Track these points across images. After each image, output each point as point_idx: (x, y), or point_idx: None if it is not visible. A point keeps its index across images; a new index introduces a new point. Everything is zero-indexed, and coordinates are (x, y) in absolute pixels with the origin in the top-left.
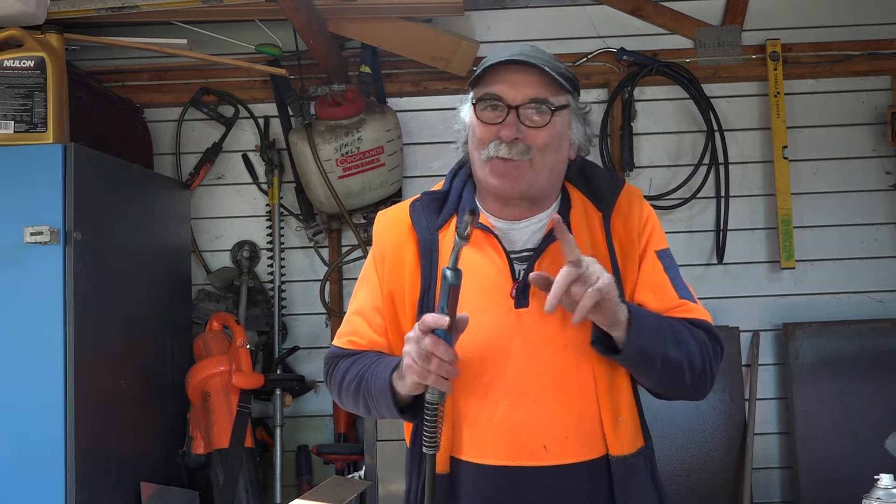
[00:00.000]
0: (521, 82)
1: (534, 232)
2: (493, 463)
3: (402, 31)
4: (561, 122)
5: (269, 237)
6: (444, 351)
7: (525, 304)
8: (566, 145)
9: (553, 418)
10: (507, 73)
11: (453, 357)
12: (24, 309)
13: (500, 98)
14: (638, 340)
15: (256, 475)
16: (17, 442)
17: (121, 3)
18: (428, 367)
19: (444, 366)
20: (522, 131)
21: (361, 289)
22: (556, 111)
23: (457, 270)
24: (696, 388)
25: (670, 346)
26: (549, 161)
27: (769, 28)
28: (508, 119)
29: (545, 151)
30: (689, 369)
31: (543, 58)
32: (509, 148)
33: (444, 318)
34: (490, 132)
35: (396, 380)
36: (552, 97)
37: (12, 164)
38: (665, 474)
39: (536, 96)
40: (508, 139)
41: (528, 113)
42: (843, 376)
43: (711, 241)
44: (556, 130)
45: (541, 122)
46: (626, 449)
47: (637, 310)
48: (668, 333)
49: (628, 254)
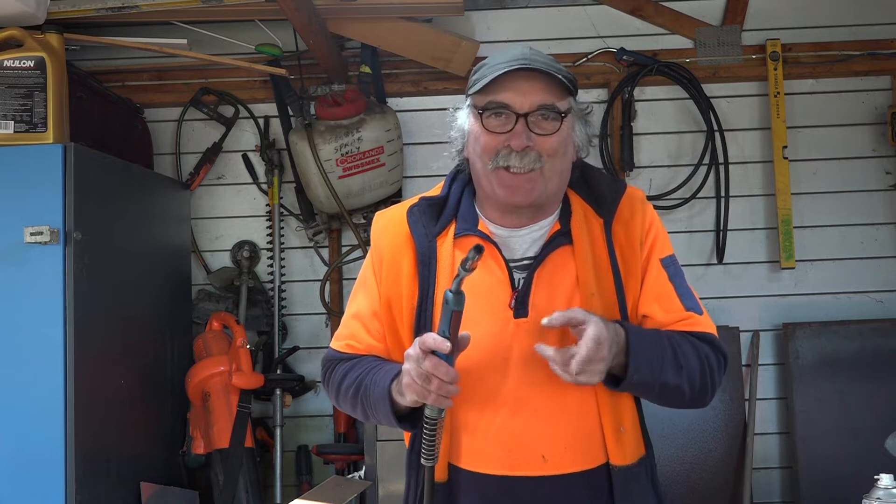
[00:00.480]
0: (527, 89)
1: (534, 240)
2: (491, 472)
3: (402, 31)
4: (567, 126)
5: (269, 237)
6: (445, 372)
7: (524, 314)
8: (572, 149)
9: (551, 428)
10: (512, 79)
11: (454, 377)
12: (24, 309)
13: (506, 106)
14: (637, 374)
15: (256, 475)
16: (17, 442)
17: (121, 3)
18: (428, 387)
19: (444, 386)
20: (533, 139)
21: (360, 292)
22: (564, 116)
23: (459, 294)
24: (695, 403)
25: (669, 372)
26: (558, 167)
27: (769, 28)
28: (517, 128)
29: (555, 157)
30: (689, 389)
31: (547, 62)
32: (521, 157)
33: (446, 344)
34: (497, 141)
35: (395, 390)
36: (558, 102)
37: (12, 164)
38: (665, 474)
39: (544, 103)
40: (520, 147)
41: (536, 120)
42: (843, 376)
43: (711, 241)
44: (564, 135)
45: (550, 128)
46: (628, 459)
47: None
48: (670, 358)
49: (630, 262)
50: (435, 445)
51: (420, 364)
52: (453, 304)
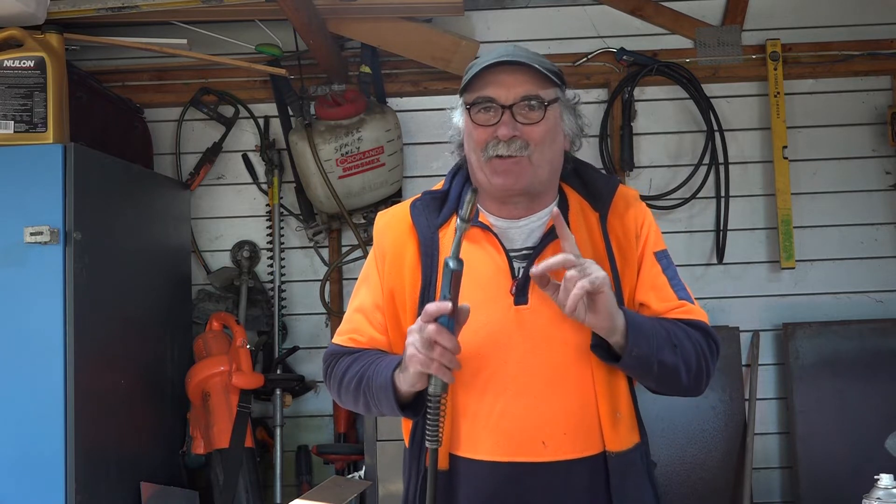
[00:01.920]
0: (511, 82)
1: (533, 230)
2: (491, 459)
3: (402, 31)
4: (553, 115)
5: (269, 237)
6: (447, 339)
7: (524, 301)
8: (561, 138)
9: (552, 414)
10: (495, 75)
11: (456, 346)
12: (24, 309)
13: (492, 99)
14: (636, 348)
15: (256, 475)
16: (17, 442)
17: (121, 3)
18: (431, 354)
19: (446, 354)
20: (519, 128)
21: (362, 287)
22: (549, 105)
23: (459, 259)
24: (692, 387)
25: (666, 351)
26: (547, 154)
27: (769, 28)
28: (504, 118)
29: (542, 146)
30: (686, 371)
31: (528, 55)
32: (508, 145)
33: (447, 304)
34: (486, 133)
35: (398, 376)
36: (542, 92)
37: (12, 164)
38: (665, 474)
39: (527, 93)
40: (506, 137)
41: (521, 110)
42: (843, 376)
43: (711, 241)
44: (551, 124)
45: (535, 117)
46: (623, 445)
47: (634, 317)
48: (665, 338)
49: (626, 254)
50: (439, 426)
51: (423, 333)
52: (454, 266)
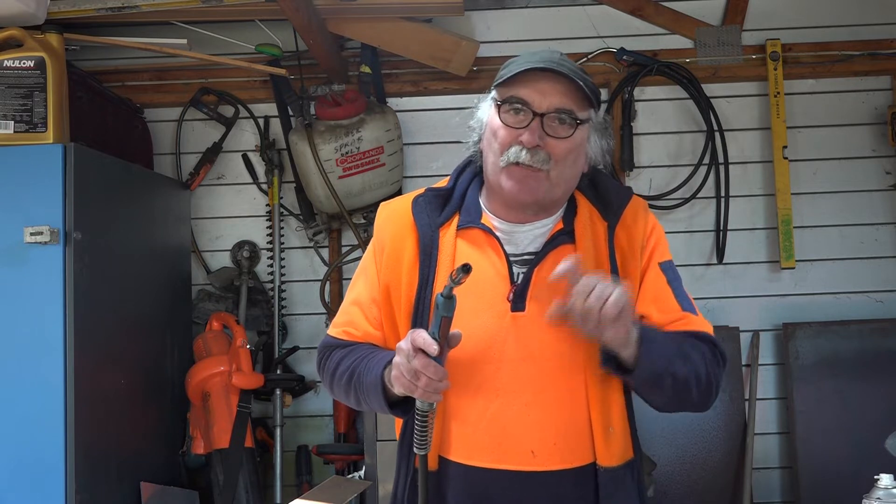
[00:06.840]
0: (549, 90)
1: (537, 236)
2: (479, 465)
3: (402, 31)
4: (581, 135)
5: (269, 237)
6: (433, 371)
7: (521, 308)
8: (582, 160)
9: (542, 424)
10: (535, 78)
11: (443, 375)
12: (24, 309)
13: (526, 103)
14: (650, 361)
15: (256, 475)
16: (17, 442)
17: (121, 3)
18: (416, 383)
19: (432, 384)
20: (544, 140)
21: (360, 279)
22: (580, 123)
23: (450, 298)
24: (700, 401)
25: (678, 364)
26: (566, 173)
27: (769, 28)
28: (532, 125)
29: (563, 163)
30: (696, 384)
31: (572, 68)
32: (531, 155)
33: (434, 346)
34: (512, 136)
35: (388, 378)
36: (577, 109)
37: (12, 164)
38: (665, 474)
39: (562, 106)
40: (530, 144)
41: (552, 122)
42: (843, 376)
43: (711, 241)
44: (577, 143)
45: (564, 132)
46: (614, 460)
47: (647, 330)
48: (676, 351)
49: (629, 266)
50: (427, 436)
51: (410, 360)
52: (443, 309)
